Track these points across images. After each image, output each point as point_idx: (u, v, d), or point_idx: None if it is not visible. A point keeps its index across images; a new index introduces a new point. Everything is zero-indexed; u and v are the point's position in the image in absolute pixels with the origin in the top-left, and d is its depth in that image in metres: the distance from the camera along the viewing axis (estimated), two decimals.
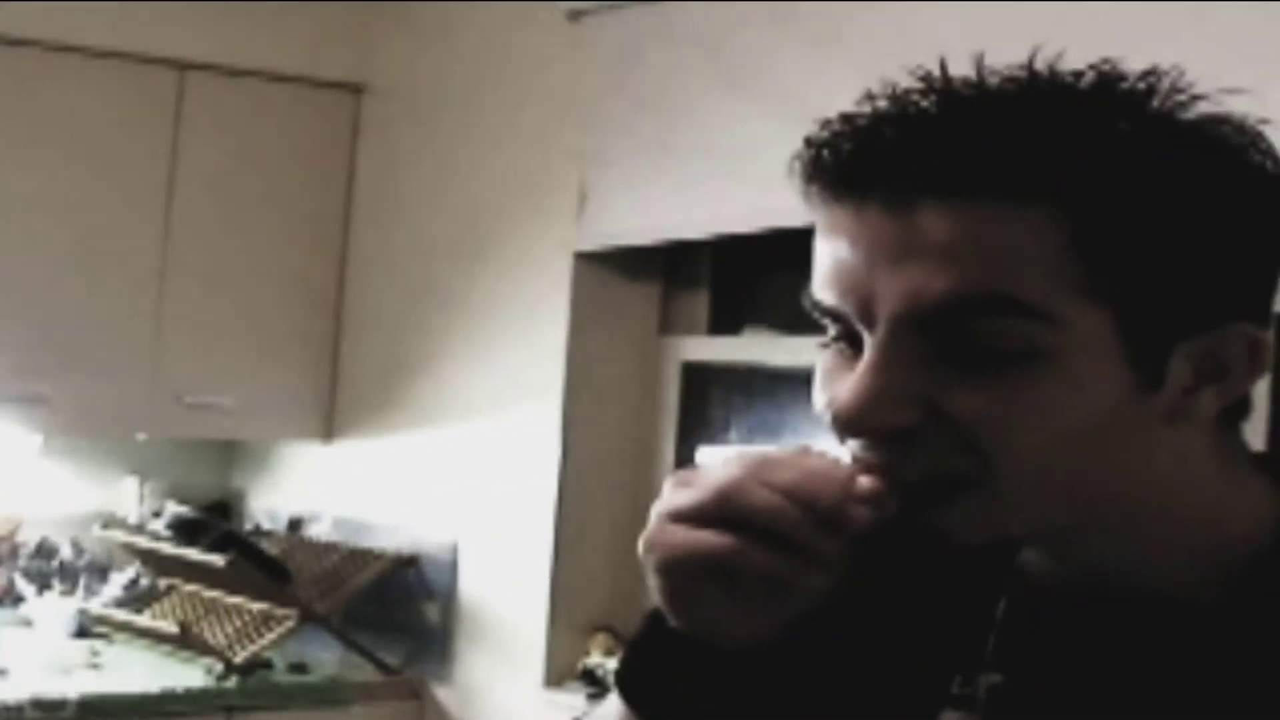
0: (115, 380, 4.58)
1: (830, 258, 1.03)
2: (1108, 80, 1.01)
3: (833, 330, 1.06)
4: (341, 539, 4.79)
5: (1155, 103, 1.01)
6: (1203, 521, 1.07)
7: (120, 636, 4.63)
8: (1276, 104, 1.16)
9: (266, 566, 4.51)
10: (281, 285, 4.82)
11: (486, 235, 4.42)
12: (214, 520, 4.69)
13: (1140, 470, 1.04)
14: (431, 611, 4.56)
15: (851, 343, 1.04)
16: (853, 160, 1.01)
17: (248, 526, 5.06)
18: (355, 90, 4.86)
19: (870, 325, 1.01)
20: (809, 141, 1.03)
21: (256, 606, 4.55)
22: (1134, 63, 1.03)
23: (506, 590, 4.36)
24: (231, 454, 5.27)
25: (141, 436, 4.83)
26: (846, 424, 1.01)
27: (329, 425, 4.90)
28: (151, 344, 4.60)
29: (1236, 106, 1.03)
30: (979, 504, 1.02)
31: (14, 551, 4.82)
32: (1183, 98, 1.01)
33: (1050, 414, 0.99)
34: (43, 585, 4.78)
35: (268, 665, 4.46)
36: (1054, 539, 1.09)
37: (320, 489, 4.97)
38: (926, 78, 1.01)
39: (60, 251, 4.45)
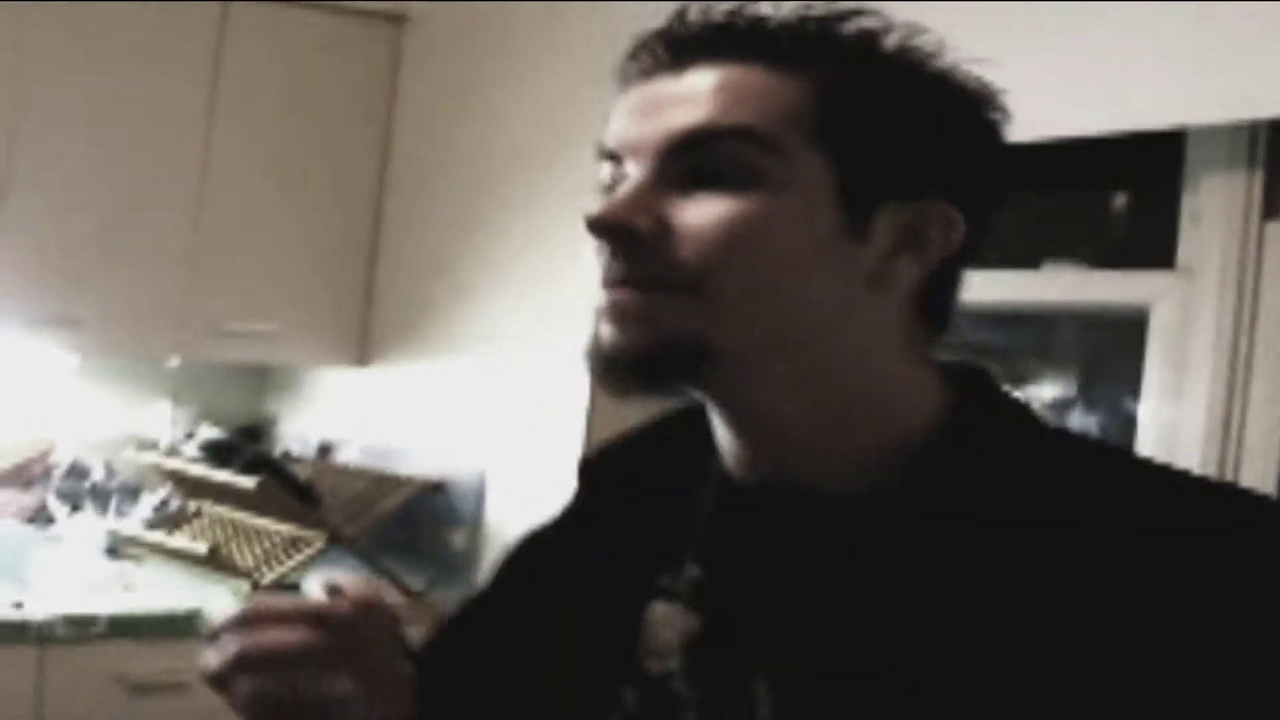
0: (150, 304, 4.70)
1: (619, 116, 1.26)
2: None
3: (608, 174, 1.27)
4: (370, 464, 4.92)
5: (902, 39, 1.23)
6: (883, 403, 1.23)
7: (150, 557, 4.77)
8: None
9: (296, 490, 4.64)
10: (319, 211, 4.93)
11: (523, 167, 4.52)
12: (245, 443, 4.83)
13: (835, 326, 1.21)
14: (458, 537, 4.68)
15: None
16: (650, 43, 1.26)
17: (278, 451, 5.19)
18: (397, 20, 4.96)
19: (636, 161, 1.23)
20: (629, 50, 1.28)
21: (285, 529, 4.68)
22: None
23: (532, 517, 4.46)
24: (264, 379, 5.40)
25: (175, 361, 4.96)
26: (591, 225, 1.23)
27: (363, 351, 5.02)
28: (187, 269, 4.72)
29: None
30: (688, 308, 1.19)
31: (47, 472, 4.97)
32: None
33: (761, 234, 1.17)
34: (75, 506, 4.92)
35: (295, 587, 4.59)
36: (747, 391, 1.23)
37: (351, 415, 5.09)
38: None
39: (99, 175, 4.57)
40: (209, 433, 4.81)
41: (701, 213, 1.19)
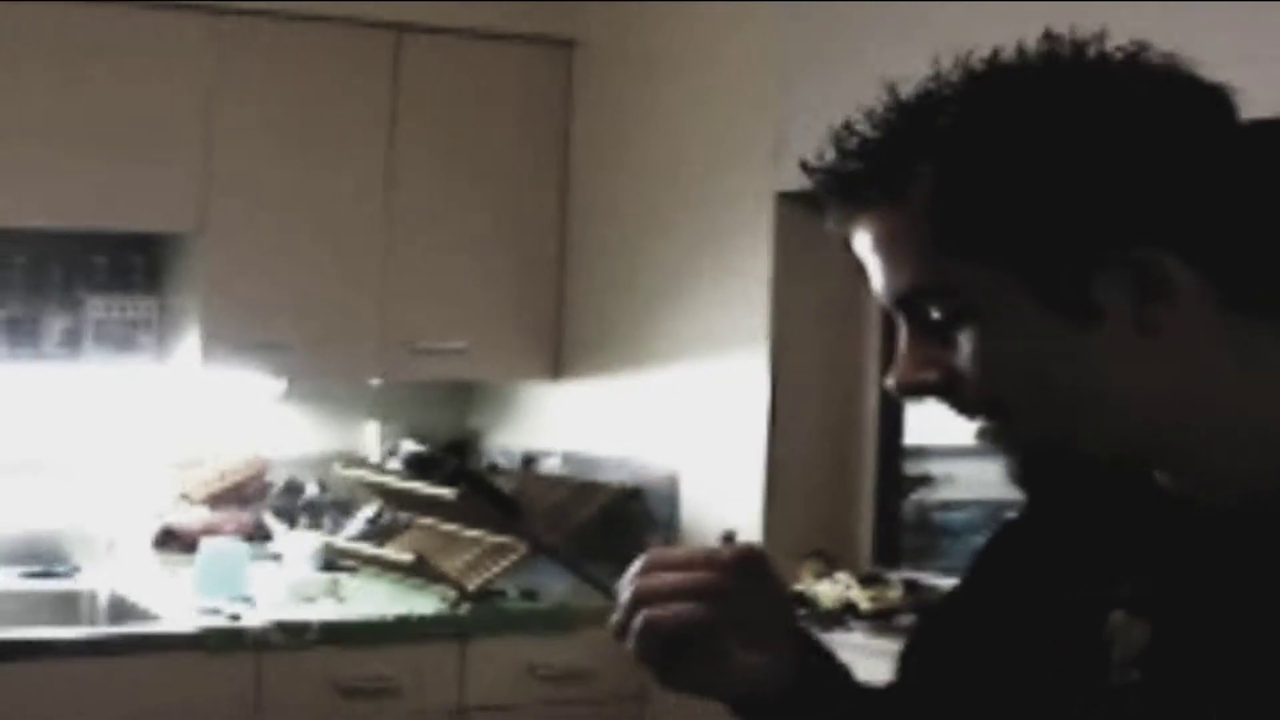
0: (349, 328, 5.03)
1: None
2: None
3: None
4: (570, 473, 5.17)
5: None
6: (1244, 422, 1.27)
7: (362, 568, 5.08)
8: None
9: (496, 499, 4.90)
10: (504, 234, 5.22)
11: (697, 180, 4.74)
12: (446, 456, 5.10)
13: (1144, 388, 1.25)
14: (655, 541, 4.89)
15: None
16: (821, 199, 1.32)
17: (485, 464, 5.47)
18: (566, 45, 5.23)
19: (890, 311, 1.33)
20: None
21: (489, 538, 4.96)
22: None
23: (723, 519, 4.67)
24: (468, 395, 5.69)
25: (376, 381, 5.28)
26: (899, 391, 1.31)
27: (556, 365, 5.28)
28: (381, 293, 5.05)
29: None
30: (1015, 429, 1.28)
31: (263, 491, 5.31)
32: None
33: (996, 359, 1.25)
34: (290, 522, 5.25)
35: (500, 593, 4.86)
36: (1122, 458, 1.31)
37: (551, 426, 5.36)
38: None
39: (295, 209, 4.92)
40: (411, 447, 5.10)
41: (957, 356, 1.27)
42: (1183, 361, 1.24)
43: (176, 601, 4.60)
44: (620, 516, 4.97)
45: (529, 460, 5.38)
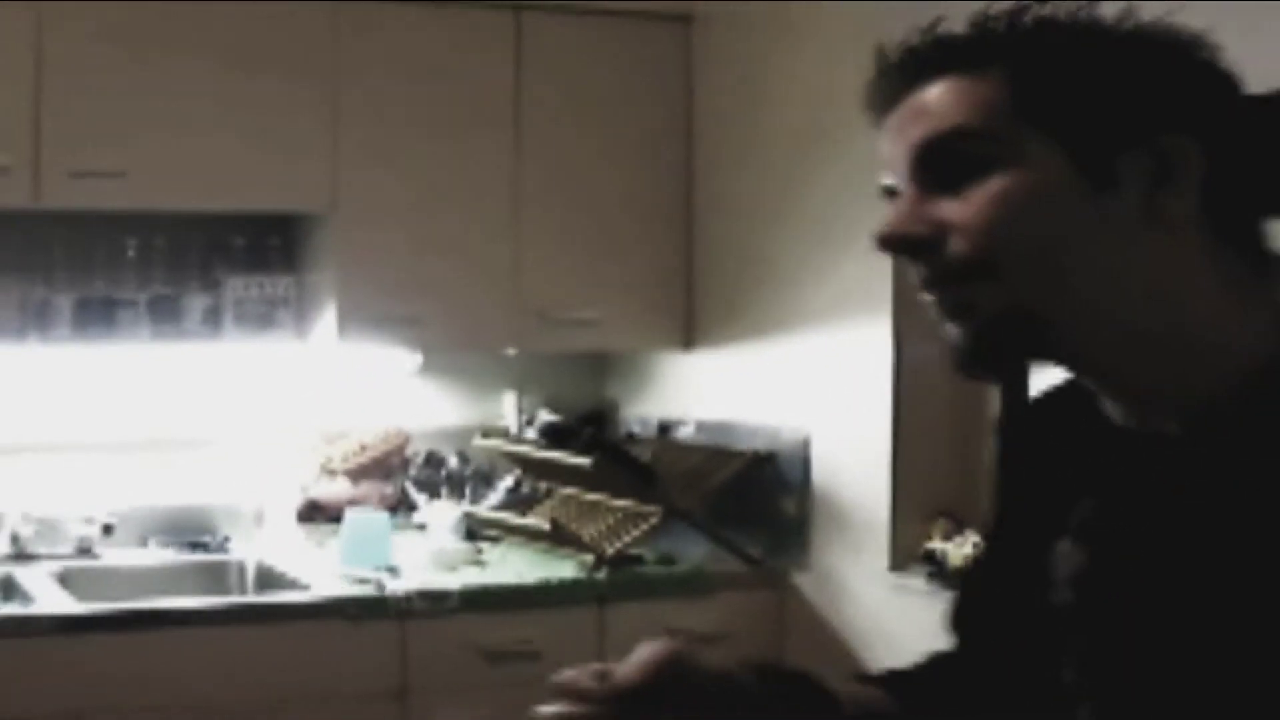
0: (482, 301, 5.18)
1: (884, 152, 1.50)
2: None
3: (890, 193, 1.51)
4: (705, 440, 5.29)
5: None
6: (1199, 344, 1.41)
7: (504, 537, 5.25)
8: None
9: (632, 467, 5.03)
10: (632, 206, 5.34)
11: (818, 147, 4.81)
12: (581, 426, 5.24)
13: (1123, 272, 1.41)
14: (788, 504, 5.01)
15: None
16: (880, 73, 1.51)
17: (622, 433, 5.60)
18: (684, 19, 5.35)
19: (898, 178, 1.48)
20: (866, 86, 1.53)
21: (625, 505, 5.10)
22: None
23: (854, 481, 4.78)
24: (604, 366, 5.82)
25: (510, 352, 5.44)
26: (881, 242, 1.47)
27: (688, 335, 5.40)
28: (512, 265, 5.19)
29: None
30: (993, 289, 1.42)
31: (405, 463, 5.48)
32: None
33: (1014, 208, 1.40)
34: (432, 493, 5.42)
35: (637, 559, 5.00)
36: (1080, 349, 1.45)
37: (684, 395, 5.47)
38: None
39: (424, 185, 5.07)
40: (548, 418, 5.25)
41: (962, 207, 1.41)
42: (1172, 258, 1.41)
43: (321, 571, 4.79)
44: (754, 481, 5.08)
45: (664, 429, 5.50)
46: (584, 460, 4.95)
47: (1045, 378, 1.58)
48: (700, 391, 5.41)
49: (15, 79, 4.62)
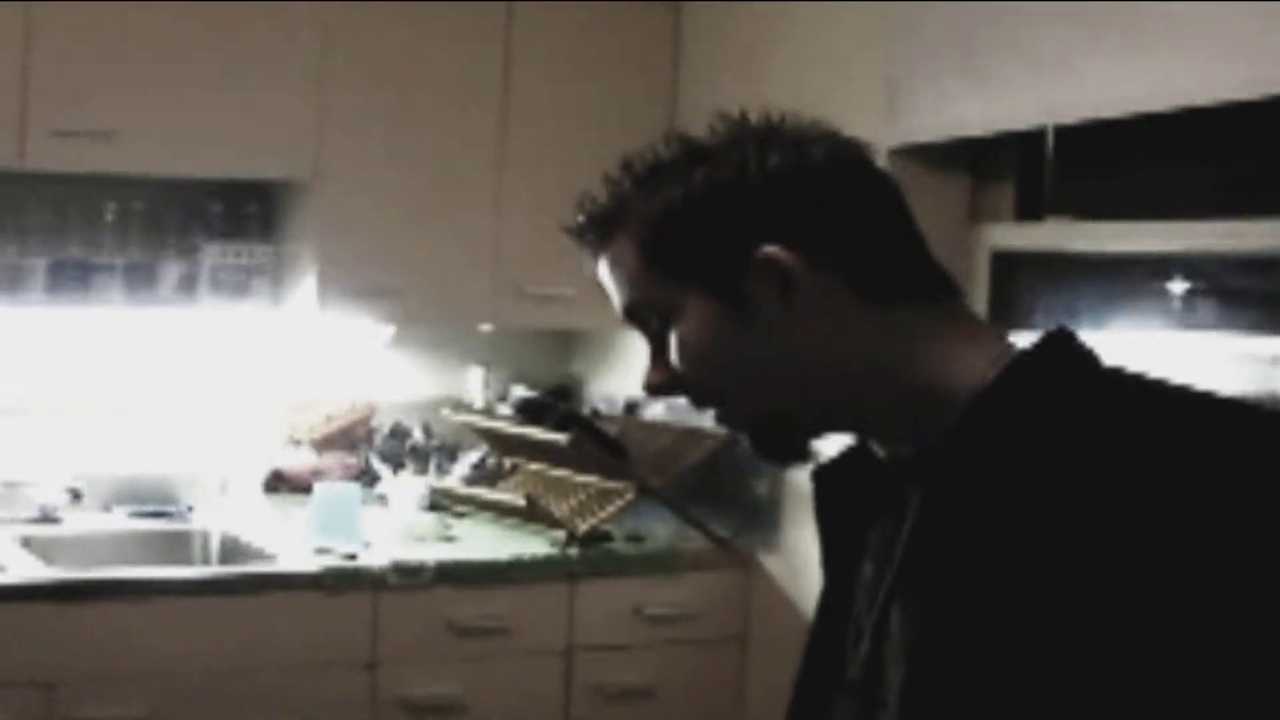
0: (460, 274, 5.20)
1: None
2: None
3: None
4: (674, 420, 5.33)
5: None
6: (916, 393, 1.59)
7: (469, 512, 5.28)
8: None
9: (606, 444, 5.08)
10: None
11: None
12: (557, 402, 5.29)
13: (817, 358, 1.60)
14: (760, 486, 5.07)
15: None
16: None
17: (587, 409, 5.63)
18: (673, 1, 5.40)
19: None
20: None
21: (596, 482, 5.14)
22: None
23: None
24: (571, 342, 5.86)
25: (485, 327, 5.46)
26: (646, 392, 1.71)
27: None
28: (493, 239, 5.22)
29: None
30: (735, 415, 1.67)
31: (369, 435, 5.50)
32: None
33: (693, 351, 1.62)
34: (397, 465, 5.44)
35: (607, 537, 5.05)
36: (826, 421, 1.65)
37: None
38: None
39: (408, 156, 5.08)
40: (522, 393, 5.29)
41: (673, 358, 1.64)
42: (823, 332, 1.60)
43: (288, 543, 4.81)
44: (727, 462, 5.14)
45: (631, 406, 5.54)
46: (560, 436, 4.99)
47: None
48: None
49: (2, 39, 4.60)
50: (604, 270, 1.68)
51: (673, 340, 1.62)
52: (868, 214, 1.63)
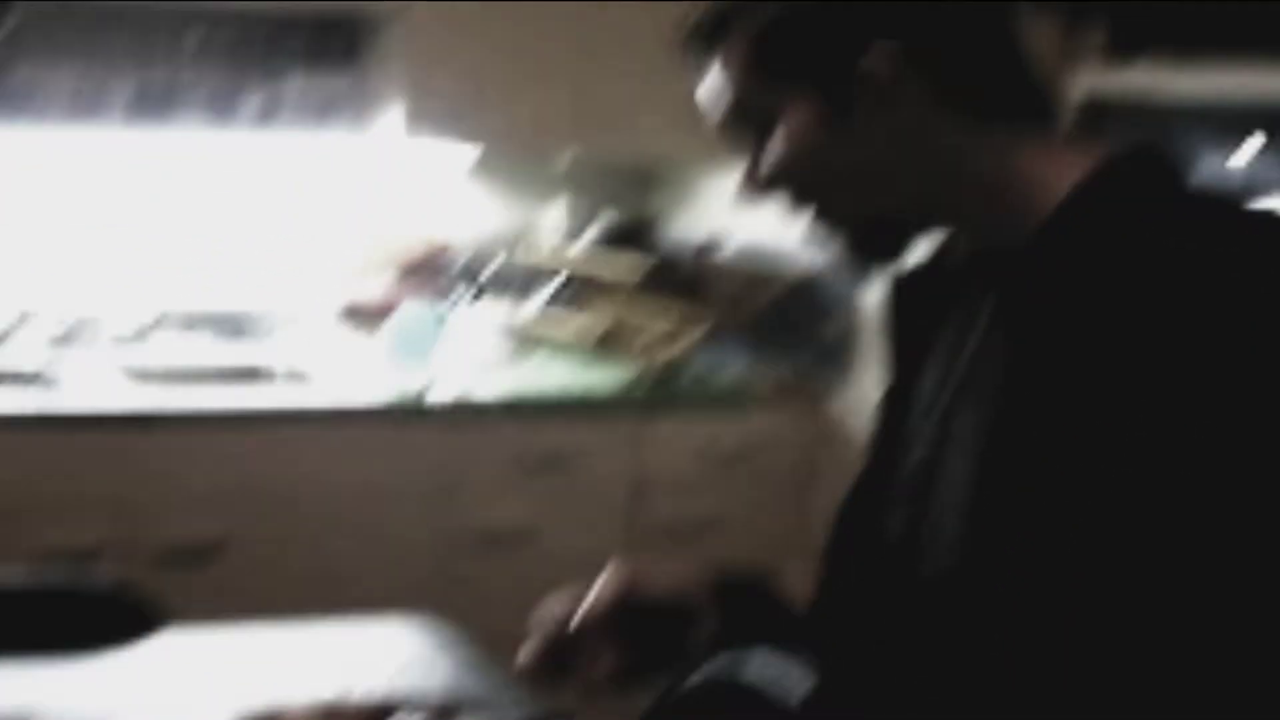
0: (546, 102, 5.11)
1: None
2: None
3: None
4: (746, 262, 5.36)
5: None
6: (998, 199, 1.64)
7: (544, 344, 5.34)
8: None
9: (682, 281, 5.11)
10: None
11: None
12: (635, 237, 5.30)
13: (911, 162, 1.65)
14: (830, 327, 5.09)
15: None
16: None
17: (661, 249, 5.65)
18: None
19: None
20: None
21: (671, 318, 5.19)
22: None
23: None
24: (649, 179, 5.85)
25: (567, 156, 5.46)
26: (740, 194, 1.76)
27: None
28: (576, 66, 5.13)
29: None
30: (831, 218, 1.71)
31: (446, 267, 5.52)
32: None
33: (796, 145, 1.67)
34: (473, 297, 5.47)
35: (678, 373, 5.10)
36: (907, 222, 1.71)
37: (729, 215, 5.52)
38: None
39: None
40: (601, 227, 5.31)
41: (772, 157, 1.69)
42: (922, 136, 1.64)
43: (362, 373, 4.87)
44: (798, 303, 5.17)
45: (705, 248, 5.56)
46: (634, 272, 5.01)
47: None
48: (746, 212, 5.43)
49: None
50: (709, 77, 1.71)
51: (775, 142, 1.67)
52: (975, 29, 1.67)
